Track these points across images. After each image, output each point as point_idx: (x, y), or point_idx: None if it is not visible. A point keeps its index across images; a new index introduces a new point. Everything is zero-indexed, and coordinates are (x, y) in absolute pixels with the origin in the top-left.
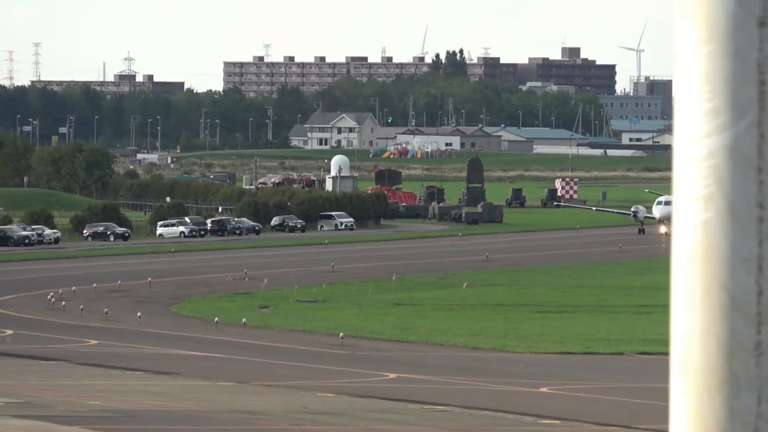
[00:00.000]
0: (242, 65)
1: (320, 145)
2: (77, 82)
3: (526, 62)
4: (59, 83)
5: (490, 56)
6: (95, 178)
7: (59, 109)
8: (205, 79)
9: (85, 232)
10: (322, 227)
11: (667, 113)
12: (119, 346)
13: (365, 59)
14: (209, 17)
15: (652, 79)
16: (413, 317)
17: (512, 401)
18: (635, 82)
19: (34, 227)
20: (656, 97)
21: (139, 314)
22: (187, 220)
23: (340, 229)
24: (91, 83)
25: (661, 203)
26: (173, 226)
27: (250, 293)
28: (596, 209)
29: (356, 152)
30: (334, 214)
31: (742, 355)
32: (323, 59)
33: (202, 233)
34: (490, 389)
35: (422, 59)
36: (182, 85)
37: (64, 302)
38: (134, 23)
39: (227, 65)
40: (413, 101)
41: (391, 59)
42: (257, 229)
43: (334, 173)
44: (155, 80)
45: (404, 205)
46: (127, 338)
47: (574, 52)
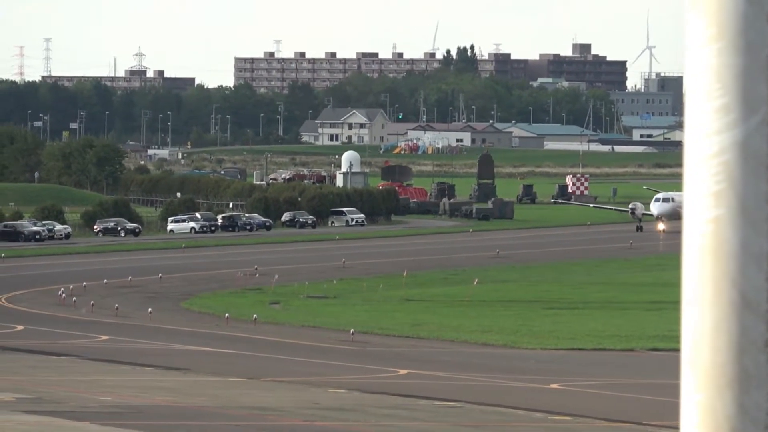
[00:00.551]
0: (253, 61)
1: (331, 140)
2: (88, 77)
3: (536, 58)
4: (70, 79)
5: (501, 52)
6: (106, 173)
7: (70, 104)
8: (215, 74)
9: (95, 227)
10: (332, 223)
11: (678, 109)
12: (130, 341)
13: (376, 55)
14: (220, 13)
15: (663, 75)
16: (424, 313)
17: (523, 398)
18: (646, 78)
19: (44, 223)
20: (667, 93)
21: (149, 310)
22: (197, 215)
23: (350, 225)
24: (101, 79)
25: (659, 200)
26: (184, 221)
27: (260, 289)
28: (593, 206)
29: (367, 148)
30: (344, 210)
31: (752, 351)
32: (334, 55)
33: (212, 229)
34: (500, 385)
35: (433, 55)
36: (193, 80)
37: (74, 298)
38: (145, 19)
39: (238, 61)
40: (424, 97)
41: (402, 55)
42: (268, 224)
43: (344, 169)
44: (166, 76)
45: (415, 201)
46: (137, 334)
47: (585, 48)
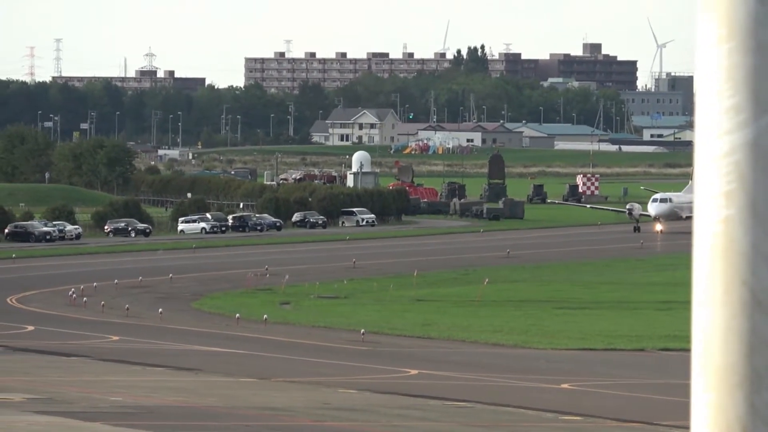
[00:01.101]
0: (263, 61)
1: (341, 141)
2: (98, 77)
3: (547, 58)
4: (80, 79)
5: (511, 52)
6: (116, 174)
7: (80, 105)
8: (226, 74)
9: (106, 228)
10: (343, 223)
11: (688, 109)
12: (140, 342)
13: (386, 55)
14: (230, 13)
15: (673, 75)
16: (434, 313)
17: (533, 397)
18: (657, 78)
19: (55, 223)
20: (678, 93)
21: (160, 310)
22: (208, 216)
23: (361, 225)
24: (112, 79)
25: (656, 201)
26: (194, 222)
27: (271, 289)
28: (590, 207)
29: (377, 148)
30: (355, 210)
31: (763, 351)
32: (344, 55)
33: (223, 229)
34: (511, 385)
35: (444, 55)
36: (203, 80)
37: (85, 298)
38: (155, 19)
39: (248, 61)
40: (434, 97)
41: (412, 55)
42: (278, 225)
43: (355, 169)
44: (176, 76)
45: (425, 201)
46: (148, 334)
47: (595, 48)
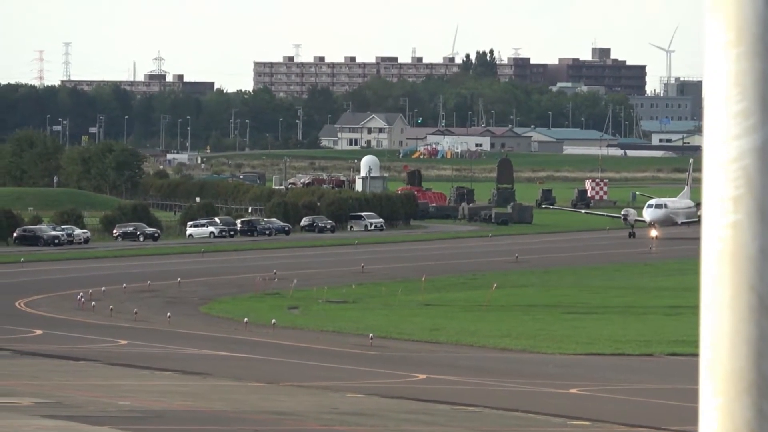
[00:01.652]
0: (272, 65)
1: (350, 145)
2: (107, 81)
3: (556, 63)
4: (89, 83)
5: (520, 57)
6: (125, 178)
7: (89, 108)
8: (235, 79)
9: (114, 232)
10: (351, 228)
11: (697, 114)
12: (149, 346)
13: (395, 59)
14: (239, 17)
15: (682, 79)
16: (443, 318)
17: (542, 402)
18: (665, 82)
19: (63, 227)
20: (686, 97)
21: (168, 314)
22: (216, 220)
23: (369, 229)
24: (121, 83)
25: (651, 206)
26: (203, 226)
27: (279, 294)
28: (585, 212)
29: (386, 153)
30: (363, 214)
31: None
32: (353, 59)
33: (231, 234)
34: (519, 390)
35: (452, 59)
36: (212, 85)
37: (93, 302)
38: (164, 23)
39: (257, 65)
40: (443, 102)
41: (421, 59)
42: (287, 229)
43: (363, 174)
44: (185, 80)
45: (434, 205)
46: (156, 338)
47: (604, 52)
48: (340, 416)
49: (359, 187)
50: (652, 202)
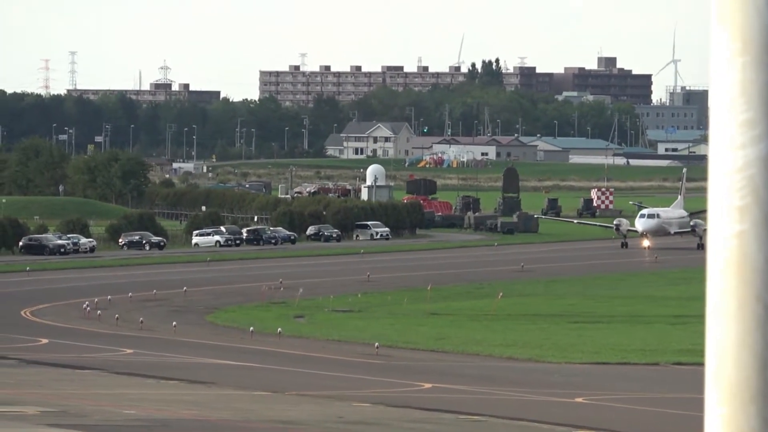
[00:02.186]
0: (278, 74)
1: (356, 154)
2: (113, 90)
3: (562, 72)
4: (95, 92)
5: (526, 66)
6: (131, 187)
7: (95, 117)
8: (241, 88)
9: (120, 241)
10: (357, 237)
11: (703, 123)
12: (154, 355)
13: (401, 69)
14: (245, 26)
15: (688, 89)
16: (448, 327)
17: (547, 411)
18: (671, 92)
19: (69, 236)
20: (692, 107)
21: (174, 323)
22: (222, 229)
23: (375, 238)
24: (127, 92)
25: (643, 216)
26: (209, 235)
27: (285, 302)
28: (577, 222)
29: (392, 162)
30: (369, 223)
31: None
32: (359, 68)
33: (237, 242)
34: (525, 399)
35: (458, 69)
36: (218, 94)
37: (99, 311)
38: (170, 32)
39: (263, 74)
40: (449, 111)
41: (427, 69)
42: (293, 238)
43: (369, 183)
44: (191, 89)
45: (440, 214)
46: (162, 347)
47: (610, 61)
48: (345, 425)
49: (365, 196)
50: (644, 211)
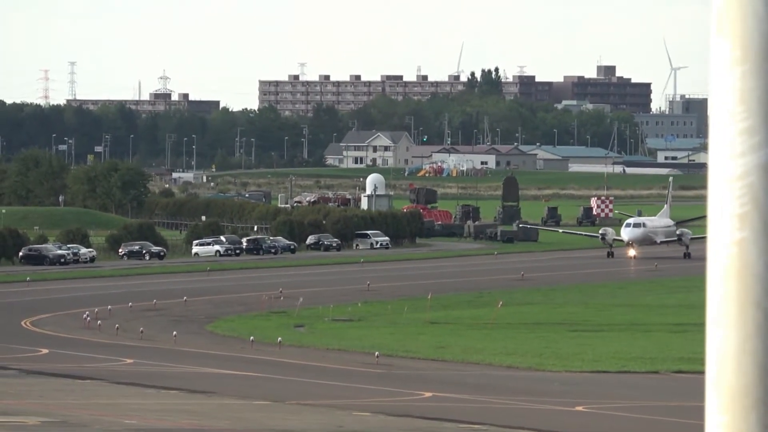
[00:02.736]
0: (277, 84)
1: (355, 163)
2: (113, 101)
3: (561, 80)
4: (95, 102)
5: (525, 74)
6: (131, 197)
7: (95, 128)
8: (240, 97)
9: (120, 251)
10: (357, 246)
11: (702, 131)
12: (155, 365)
13: (400, 78)
14: (244, 36)
15: (687, 97)
16: (448, 336)
17: (547, 420)
18: (671, 100)
19: (69, 246)
20: (692, 115)
21: (174, 333)
22: (222, 239)
23: (375, 247)
24: (126, 102)
25: (629, 225)
26: (209, 245)
27: (285, 312)
28: (563, 231)
29: (391, 171)
30: (369, 232)
31: None
32: (358, 78)
33: (237, 252)
34: (525, 408)
35: (457, 78)
36: (218, 103)
37: (99, 321)
38: (170, 42)
39: (262, 84)
40: (448, 120)
41: (426, 78)
42: (292, 247)
43: (369, 192)
44: (190, 99)
45: (440, 223)
46: (162, 357)
47: (609, 70)
48: None
49: (365, 205)
50: (630, 221)
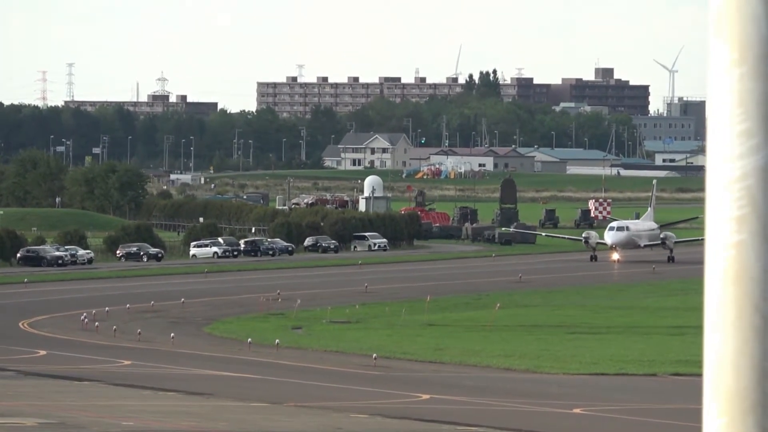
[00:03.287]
0: (275, 85)
1: (353, 165)
2: (111, 102)
3: (559, 83)
4: (93, 103)
5: (523, 77)
6: (128, 198)
7: (93, 129)
8: (238, 99)
9: (118, 252)
10: (355, 248)
11: (700, 134)
12: (152, 366)
13: (398, 80)
14: (242, 38)
15: (685, 99)
16: (446, 338)
17: (545, 422)
18: (669, 102)
19: (67, 248)
20: (690, 117)
21: (172, 335)
22: (220, 240)
23: (373, 249)
24: (124, 103)
25: (612, 229)
26: (206, 246)
27: (283, 314)
28: (546, 235)
29: (389, 173)
30: (367, 234)
31: None
32: (356, 79)
33: (235, 254)
34: (523, 410)
35: (456, 80)
36: (215, 105)
37: (97, 323)
38: (168, 43)
39: (261, 85)
40: (446, 122)
41: (424, 80)
42: (290, 249)
43: (367, 194)
44: (188, 100)
45: (437, 225)
46: (160, 359)
47: (607, 72)
48: None
49: (363, 207)
50: (613, 224)
